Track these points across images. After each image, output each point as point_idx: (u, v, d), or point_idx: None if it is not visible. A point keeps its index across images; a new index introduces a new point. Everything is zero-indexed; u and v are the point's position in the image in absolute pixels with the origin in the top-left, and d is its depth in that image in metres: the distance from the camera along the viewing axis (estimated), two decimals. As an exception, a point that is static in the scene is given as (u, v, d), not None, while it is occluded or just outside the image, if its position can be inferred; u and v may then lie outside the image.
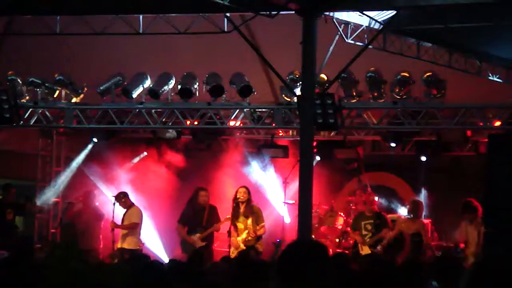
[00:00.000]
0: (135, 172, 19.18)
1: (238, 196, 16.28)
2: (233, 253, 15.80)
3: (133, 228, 16.92)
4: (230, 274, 8.33)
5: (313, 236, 14.94)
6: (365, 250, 16.54)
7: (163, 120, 17.03)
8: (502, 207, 13.78)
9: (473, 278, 4.39)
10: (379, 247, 16.31)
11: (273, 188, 18.36)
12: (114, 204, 16.99)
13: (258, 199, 17.17)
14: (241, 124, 17.54)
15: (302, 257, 4.37)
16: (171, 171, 19.18)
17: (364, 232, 16.75)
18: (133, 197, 17.49)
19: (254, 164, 18.63)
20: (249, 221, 16.24)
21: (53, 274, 6.80)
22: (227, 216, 16.67)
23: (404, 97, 15.63)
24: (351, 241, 17.08)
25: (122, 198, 17.12)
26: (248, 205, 16.33)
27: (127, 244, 16.73)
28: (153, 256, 17.13)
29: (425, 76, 15.47)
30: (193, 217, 17.23)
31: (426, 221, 17.01)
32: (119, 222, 16.98)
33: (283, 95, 16.41)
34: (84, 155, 19.04)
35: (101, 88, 16.75)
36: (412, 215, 16.41)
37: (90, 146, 18.96)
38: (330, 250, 15.90)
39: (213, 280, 8.46)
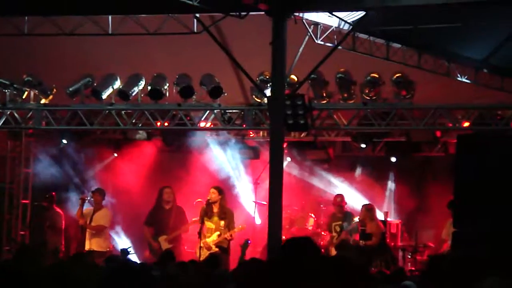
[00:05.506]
0: (104, 173, 19.08)
1: (209, 197, 16.28)
2: (203, 255, 15.70)
3: (100, 230, 16.87)
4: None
5: (284, 237, 14.96)
6: (333, 252, 16.61)
7: (133, 121, 16.95)
8: (472, 208, 13.83)
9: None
10: None
11: (243, 189, 18.33)
12: (83, 201, 16.94)
13: (229, 200, 17.15)
14: (212, 125, 17.49)
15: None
16: (140, 172, 19.11)
17: (333, 234, 16.82)
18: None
19: (225, 165, 18.58)
20: (222, 222, 16.19)
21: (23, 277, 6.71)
22: (193, 219, 16.70)
23: (374, 98, 15.66)
24: (322, 242, 17.09)
25: (100, 194, 17.04)
26: (222, 206, 16.28)
27: (97, 246, 16.64)
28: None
29: (394, 77, 15.50)
30: (160, 218, 17.23)
31: (396, 221, 17.09)
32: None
33: (253, 96, 16.38)
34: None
35: (71, 89, 16.63)
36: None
37: (59, 148, 18.84)
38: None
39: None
